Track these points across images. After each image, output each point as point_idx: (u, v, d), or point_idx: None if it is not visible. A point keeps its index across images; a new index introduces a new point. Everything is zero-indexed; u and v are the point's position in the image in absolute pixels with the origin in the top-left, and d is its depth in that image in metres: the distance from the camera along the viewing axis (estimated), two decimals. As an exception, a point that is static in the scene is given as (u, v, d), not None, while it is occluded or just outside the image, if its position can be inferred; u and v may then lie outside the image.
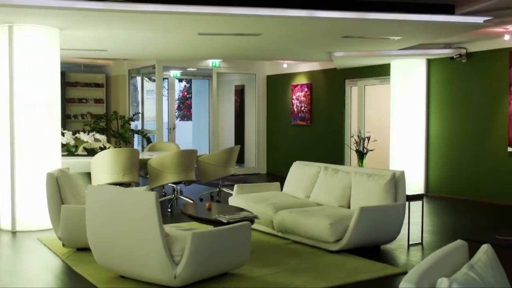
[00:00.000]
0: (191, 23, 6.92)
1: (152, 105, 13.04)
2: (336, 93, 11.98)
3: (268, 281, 4.80)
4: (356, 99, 11.61)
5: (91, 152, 8.69)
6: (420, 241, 6.31)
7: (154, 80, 12.87)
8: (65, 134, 8.54)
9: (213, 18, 6.56)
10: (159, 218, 4.37)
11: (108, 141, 10.78)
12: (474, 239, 6.07)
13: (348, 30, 7.55)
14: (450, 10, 6.91)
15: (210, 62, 12.94)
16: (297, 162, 7.50)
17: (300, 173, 7.22)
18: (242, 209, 5.91)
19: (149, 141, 11.71)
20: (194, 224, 6.42)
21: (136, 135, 12.99)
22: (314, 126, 12.55)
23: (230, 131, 15.05)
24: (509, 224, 7.56)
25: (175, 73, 14.43)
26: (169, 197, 8.84)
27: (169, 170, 8.36)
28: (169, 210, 8.36)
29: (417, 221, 6.54)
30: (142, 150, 11.52)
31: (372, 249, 5.96)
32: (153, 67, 12.34)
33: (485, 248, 2.43)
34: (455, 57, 9.54)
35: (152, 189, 7.63)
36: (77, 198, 5.89)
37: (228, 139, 14.83)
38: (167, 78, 14.56)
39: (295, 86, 12.96)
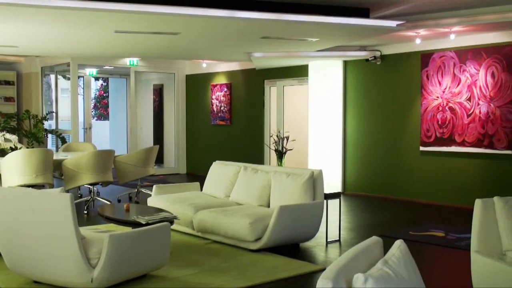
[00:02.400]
0: (106, 20, 6.72)
1: (67, 104, 12.62)
2: (256, 93, 12.07)
3: (188, 282, 4.77)
4: (275, 99, 11.73)
5: (1, 152, 8.35)
6: (338, 238, 6.45)
7: (69, 78, 12.48)
8: (-28, 134, 8.14)
9: (130, 16, 6.40)
10: (74, 221, 4.24)
11: (20, 141, 10.36)
12: (388, 235, 6.29)
13: (266, 31, 7.60)
14: (365, 14, 7.10)
15: (127, 61, 12.70)
16: (216, 162, 7.49)
17: (220, 173, 7.21)
18: (161, 210, 5.84)
19: (63, 141, 11.35)
20: (111, 226, 6.27)
21: (50, 135, 12.55)
22: (234, 126, 12.58)
23: (148, 131, 14.82)
24: (422, 220, 7.88)
25: (91, 71, 14.05)
26: (85, 198, 8.60)
27: (85, 170, 8.13)
28: (86, 212, 8.12)
29: (335, 219, 6.68)
30: (57, 150, 11.14)
31: (291, 247, 6.04)
32: (68, 64, 11.97)
33: (398, 244, 2.50)
34: (370, 59, 9.83)
35: (67, 191, 7.38)
36: (-14, 201, 5.60)
37: (146, 139, 14.59)
38: (83, 76, 14.15)
39: (215, 85, 12.94)
